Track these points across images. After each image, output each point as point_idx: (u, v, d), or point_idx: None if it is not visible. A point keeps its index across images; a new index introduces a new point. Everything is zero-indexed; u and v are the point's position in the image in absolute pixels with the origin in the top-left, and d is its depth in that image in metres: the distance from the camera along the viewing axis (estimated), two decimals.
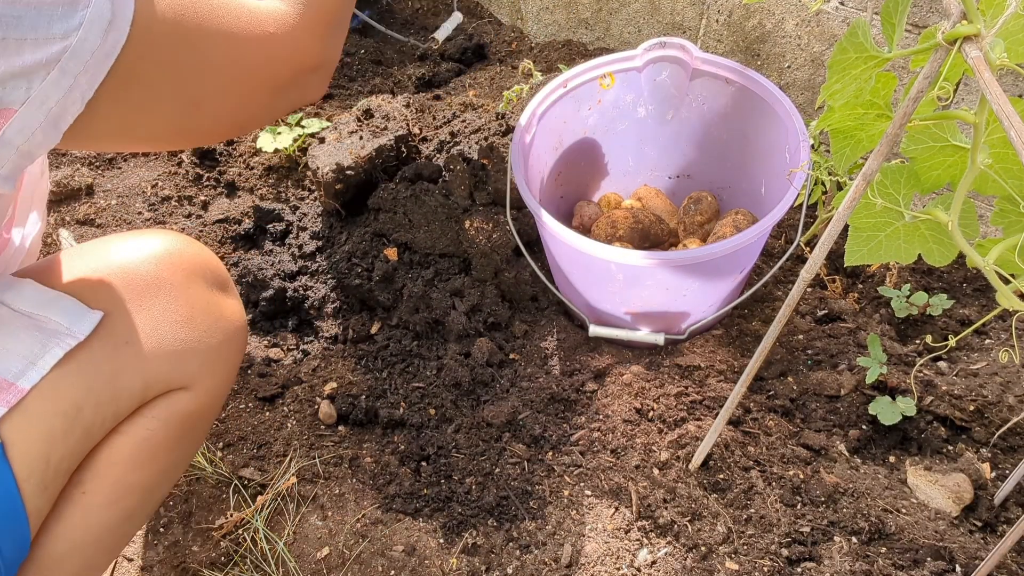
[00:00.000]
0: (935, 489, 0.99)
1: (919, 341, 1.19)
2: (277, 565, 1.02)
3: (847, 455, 1.06)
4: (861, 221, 0.76)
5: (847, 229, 0.76)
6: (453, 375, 1.18)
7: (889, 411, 1.06)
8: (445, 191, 1.30)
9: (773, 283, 1.31)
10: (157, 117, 0.65)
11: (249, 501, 1.09)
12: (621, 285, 1.13)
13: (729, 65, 1.23)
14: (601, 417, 1.12)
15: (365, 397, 1.19)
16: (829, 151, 1.32)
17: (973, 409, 1.07)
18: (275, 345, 1.32)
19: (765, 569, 0.94)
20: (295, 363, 1.29)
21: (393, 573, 1.00)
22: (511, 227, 1.24)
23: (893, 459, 1.06)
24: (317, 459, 1.14)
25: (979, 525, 0.98)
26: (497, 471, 1.09)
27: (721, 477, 1.03)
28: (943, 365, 1.16)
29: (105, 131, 0.63)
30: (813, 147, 1.22)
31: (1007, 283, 0.63)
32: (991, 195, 0.74)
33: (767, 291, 1.30)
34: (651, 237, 1.32)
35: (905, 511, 0.97)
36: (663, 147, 1.42)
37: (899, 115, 0.60)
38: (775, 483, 1.02)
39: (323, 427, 1.19)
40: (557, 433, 1.12)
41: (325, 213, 1.43)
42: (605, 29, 1.79)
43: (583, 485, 1.07)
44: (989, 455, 1.04)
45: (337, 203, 1.36)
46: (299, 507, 1.09)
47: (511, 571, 0.99)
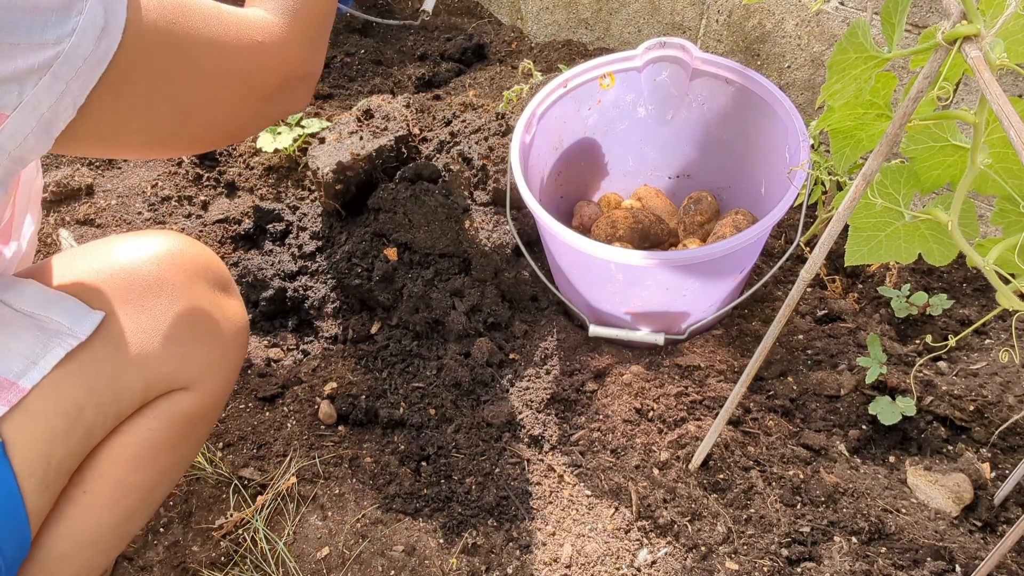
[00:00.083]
0: (935, 489, 0.99)
1: (919, 341, 1.19)
2: (277, 565, 1.02)
3: (847, 455, 1.06)
4: (861, 221, 0.76)
5: (847, 229, 0.76)
6: (453, 375, 1.18)
7: (889, 411, 1.06)
8: (445, 191, 1.30)
9: (773, 283, 1.31)
10: (147, 124, 0.66)
11: (249, 501, 1.09)
12: (621, 285, 1.13)
13: (729, 65, 1.23)
14: (601, 417, 1.12)
15: (365, 397, 1.19)
16: (829, 151, 1.32)
17: (973, 409, 1.07)
18: (275, 345, 1.32)
19: (765, 569, 0.94)
20: (295, 363, 1.29)
21: (393, 573, 1.00)
22: (511, 227, 1.24)
23: (893, 459, 1.06)
24: (317, 459, 1.14)
25: (979, 525, 0.98)
26: (497, 471, 1.09)
27: (721, 477, 1.03)
28: (943, 365, 1.16)
29: (96, 137, 0.64)
30: (813, 147, 1.22)
31: (1007, 283, 0.63)
32: (991, 195, 0.74)
33: (767, 291, 1.30)
34: (651, 237, 1.32)
35: (905, 511, 0.97)
36: (663, 147, 1.42)
37: (899, 115, 0.60)
38: (775, 483, 1.02)
39: (323, 427, 1.19)
40: (557, 433, 1.12)
41: (325, 213, 1.43)
42: (605, 29, 1.79)
43: (583, 485, 1.07)
44: (989, 455, 1.04)
45: (337, 203, 1.36)
46: (299, 507, 1.09)
47: (511, 571, 0.99)
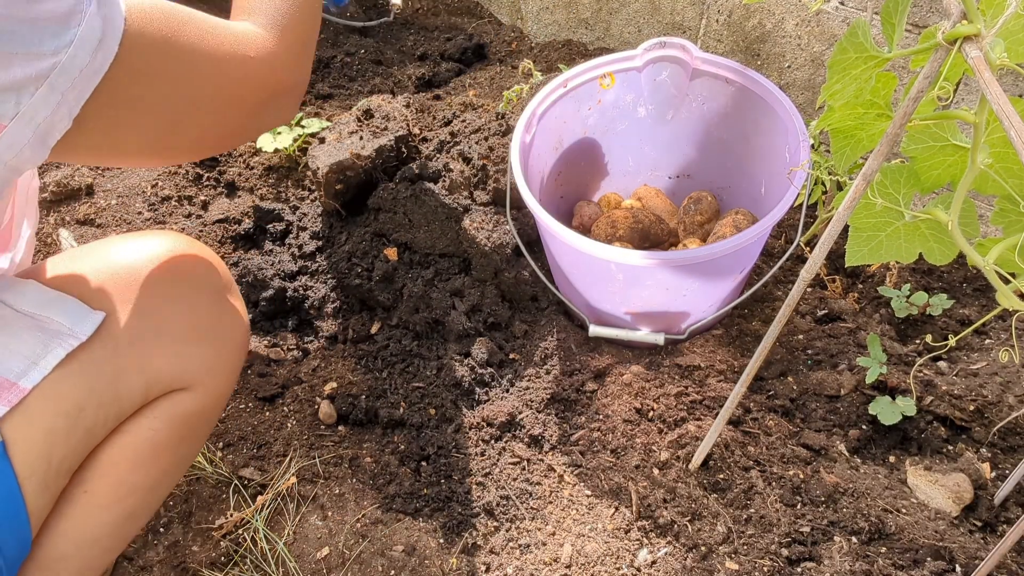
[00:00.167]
0: (935, 489, 0.99)
1: (919, 341, 1.19)
2: (277, 565, 1.02)
3: (847, 455, 1.06)
4: (861, 221, 0.76)
5: (847, 229, 0.76)
6: (453, 375, 1.18)
7: (889, 411, 1.06)
8: (445, 191, 1.30)
9: (773, 283, 1.31)
10: (140, 134, 0.66)
11: (249, 501, 1.09)
12: (621, 285, 1.13)
13: (729, 65, 1.23)
14: (601, 417, 1.12)
15: (365, 397, 1.19)
16: (829, 151, 1.32)
17: (973, 409, 1.07)
18: (275, 345, 1.32)
19: (765, 569, 0.94)
20: (295, 363, 1.29)
21: (393, 573, 1.00)
22: (511, 227, 1.24)
23: (893, 459, 1.06)
24: (317, 459, 1.14)
25: (979, 525, 0.98)
26: (497, 471, 1.09)
27: (721, 477, 1.03)
28: (943, 365, 1.16)
29: (88, 146, 0.64)
30: (813, 147, 1.22)
31: (1007, 283, 0.63)
32: (991, 195, 0.74)
33: (767, 291, 1.30)
34: (651, 237, 1.32)
35: (905, 511, 0.97)
36: (663, 147, 1.42)
37: (899, 115, 0.60)
38: (775, 483, 1.02)
39: (323, 427, 1.19)
40: (557, 433, 1.12)
41: (325, 213, 1.43)
42: (605, 29, 1.79)
43: (583, 485, 1.07)
44: (989, 455, 1.04)
45: (337, 203, 1.36)
46: (299, 507, 1.09)
47: (511, 571, 0.99)
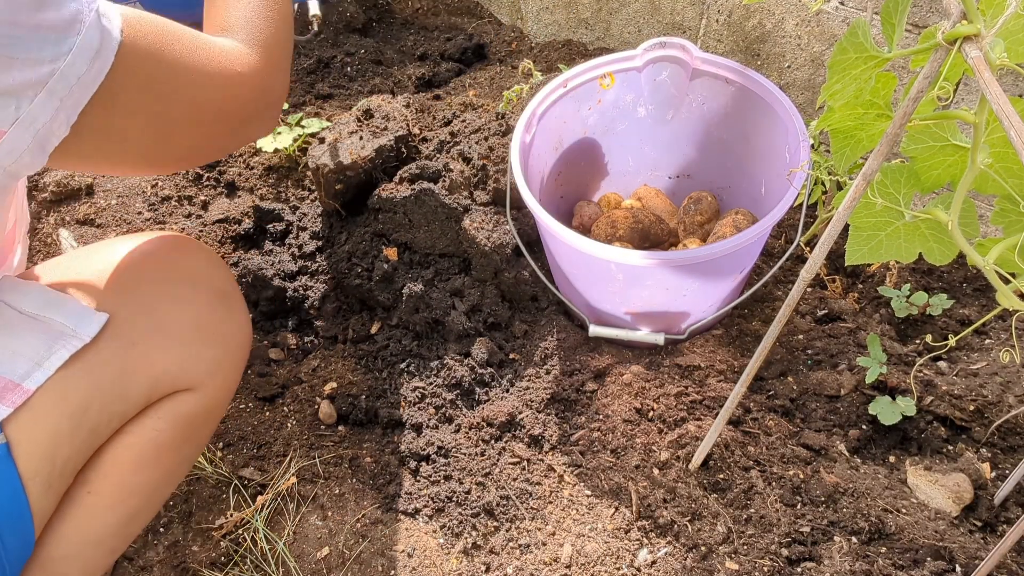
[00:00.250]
0: (935, 489, 0.99)
1: (919, 341, 1.19)
2: (277, 565, 1.02)
3: (847, 455, 1.06)
4: (861, 221, 0.76)
5: (847, 229, 0.76)
6: (453, 375, 1.18)
7: (889, 411, 1.06)
8: (445, 191, 1.30)
9: (773, 283, 1.31)
10: (134, 143, 0.68)
11: (249, 501, 1.09)
12: (621, 285, 1.13)
13: (729, 65, 1.23)
14: (601, 417, 1.12)
15: (365, 397, 1.19)
16: (829, 151, 1.32)
17: (973, 409, 1.07)
18: (275, 345, 1.32)
19: (765, 569, 0.94)
20: (295, 363, 1.29)
21: (393, 573, 1.01)
22: (511, 227, 1.24)
23: (893, 459, 1.06)
24: (317, 459, 1.14)
25: (979, 525, 0.98)
26: (497, 471, 1.09)
27: (721, 477, 1.03)
28: (943, 365, 1.16)
29: (86, 154, 0.66)
30: (813, 147, 1.22)
31: (1007, 283, 0.63)
32: (991, 194, 0.74)
33: (767, 291, 1.30)
34: (651, 237, 1.32)
35: (905, 511, 0.97)
36: (663, 147, 1.42)
37: (899, 115, 0.60)
38: (775, 483, 1.02)
39: (323, 427, 1.19)
40: (557, 433, 1.12)
41: (325, 213, 1.43)
42: (605, 29, 1.79)
43: (583, 485, 1.07)
44: (989, 455, 1.04)
45: (337, 203, 1.36)
46: (299, 507, 1.09)
47: (511, 571, 0.99)
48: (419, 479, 1.10)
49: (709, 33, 1.60)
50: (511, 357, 1.23)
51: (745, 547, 0.96)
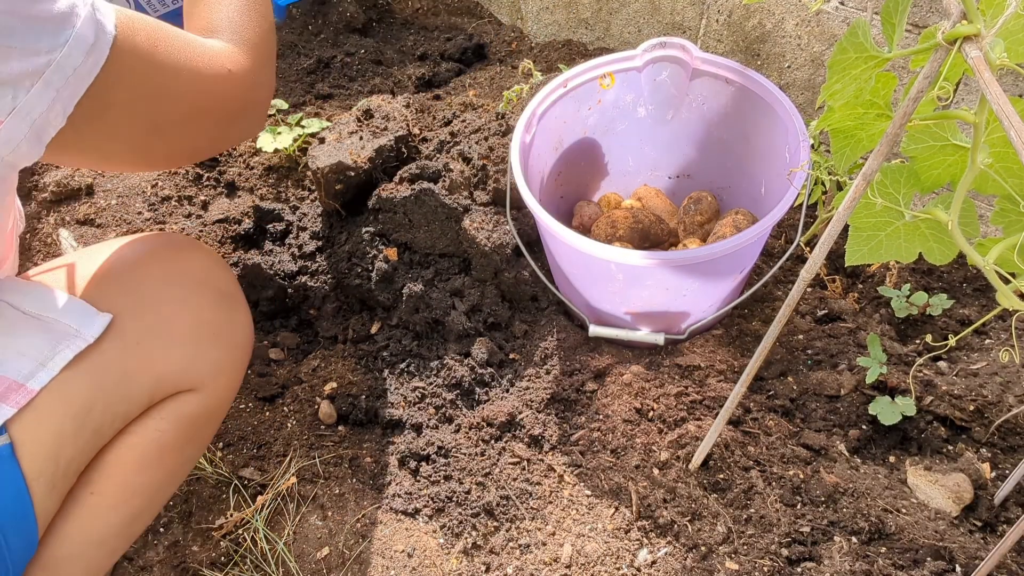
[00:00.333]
0: (935, 489, 0.99)
1: (919, 341, 1.19)
2: (277, 565, 1.02)
3: (847, 455, 1.06)
4: (861, 221, 0.76)
5: (847, 229, 0.76)
6: (453, 375, 1.18)
7: (889, 411, 1.06)
8: (445, 191, 1.30)
9: (773, 283, 1.31)
10: (128, 137, 0.69)
11: (249, 501, 1.09)
12: (621, 285, 1.13)
13: (729, 65, 1.23)
14: (601, 417, 1.12)
15: (365, 397, 1.19)
16: (829, 151, 1.32)
17: (973, 409, 1.07)
18: (275, 345, 1.32)
19: (765, 569, 0.94)
20: (295, 363, 1.29)
21: (393, 573, 1.01)
22: (511, 227, 1.24)
23: (893, 459, 1.06)
24: (317, 459, 1.14)
25: (979, 525, 0.98)
26: (497, 471, 1.09)
27: (721, 477, 1.03)
28: (943, 365, 1.16)
29: (81, 147, 0.67)
30: (813, 147, 1.22)
31: (1007, 282, 0.63)
32: (991, 194, 0.74)
33: (767, 291, 1.30)
34: (651, 237, 1.32)
35: (905, 511, 0.97)
36: (663, 147, 1.42)
37: (899, 115, 0.60)
38: (775, 483, 1.02)
39: (323, 427, 1.19)
40: (557, 433, 1.12)
41: (325, 213, 1.43)
42: (605, 29, 1.79)
43: (583, 485, 1.07)
44: (989, 455, 1.04)
45: (337, 203, 1.36)
46: (299, 507, 1.09)
47: (511, 571, 0.99)
48: (419, 479, 1.10)
49: (709, 33, 1.60)
50: (511, 357, 1.23)
51: (745, 547, 0.96)
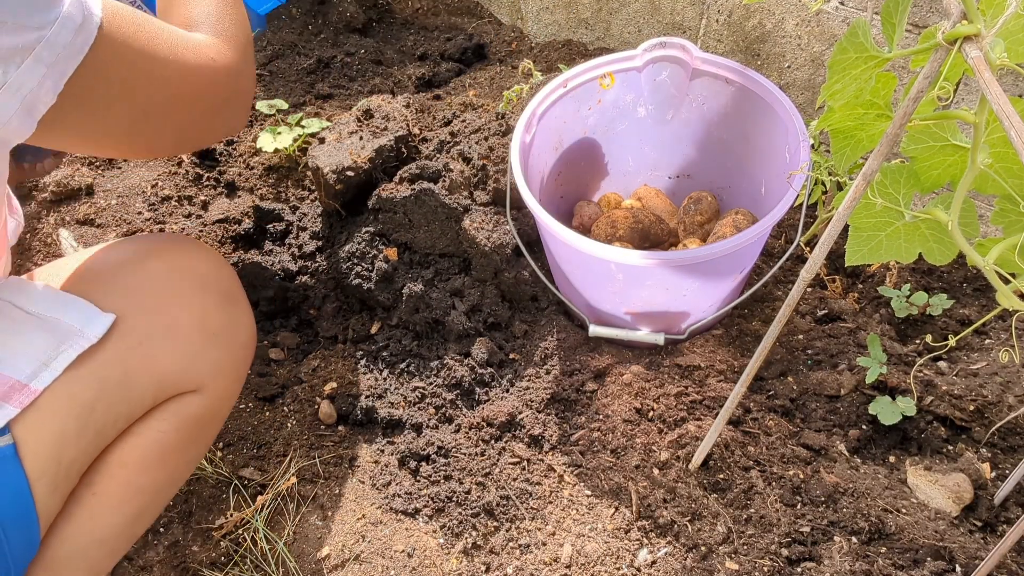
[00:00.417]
0: (935, 489, 0.99)
1: (919, 341, 1.19)
2: (277, 565, 1.02)
3: (847, 455, 1.06)
4: (861, 221, 0.76)
5: (847, 229, 0.76)
6: (453, 375, 1.18)
7: (889, 411, 1.06)
8: (445, 191, 1.30)
9: (773, 283, 1.31)
10: (111, 121, 0.70)
11: (249, 501, 1.09)
12: (621, 285, 1.13)
13: (729, 65, 1.23)
14: (601, 417, 1.12)
15: (365, 397, 1.19)
16: (829, 151, 1.32)
17: (973, 409, 1.07)
18: (275, 345, 1.32)
19: (765, 569, 0.94)
20: (295, 363, 1.29)
21: (393, 573, 1.01)
22: (511, 227, 1.24)
23: (893, 459, 1.06)
24: (317, 459, 1.14)
25: (979, 525, 0.98)
26: (497, 471, 1.09)
27: (721, 477, 1.03)
28: (943, 365, 1.16)
29: (70, 126, 0.67)
30: (813, 147, 1.22)
31: (1007, 283, 0.63)
32: (991, 194, 0.74)
33: (767, 291, 1.30)
34: (651, 237, 1.32)
35: (905, 511, 0.97)
36: (663, 147, 1.42)
37: (899, 115, 0.60)
38: (775, 483, 1.02)
39: (323, 427, 1.19)
40: (557, 433, 1.12)
41: (325, 213, 1.43)
42: (605, 29, 1.79)
43: (583, 485, 1.07)
44: (989, 455, 1.04)
45: (337, 203, 1.36)
46: (299, 507, 1.09)
47: (511, 571, 0.99)
48: (419, 479, 1.10)
49: (709, 33, 1.60)
50: (511, 357, 1.23)
51: (745, 547, 0.96)
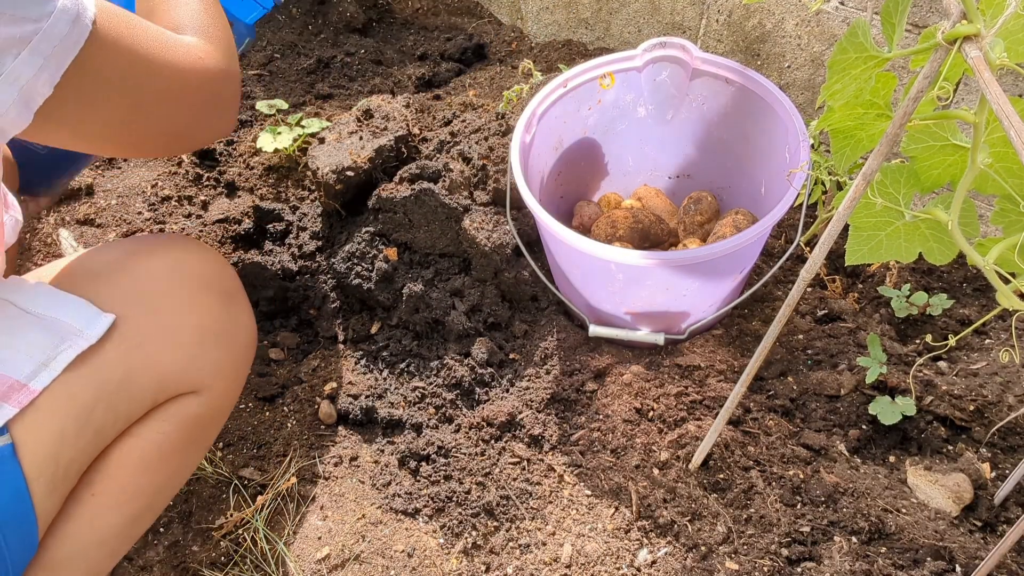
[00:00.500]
0: (935, 489, 0.99)
1: (919, 341, 1.19)
2: (277, 565, 1.02)
3: (847, 455, 1.06)
4: (861, 221, 0.76)
5: (847, 229, 0.76)
6: (453, 375, 1.18)
7: (889, 411, 1.06)
8: (445, 191, 1.30)
9: (773, 283, 1.31)
10: (106, 114, 0.70)
11: (249, 501, 1.09)
12: (621, 285, 1.13)
13: (729, 65, 1.23)
14: (601, 417, 1.12)
15: (365, 397, 1.19)
16: (829, 151, 1.32)
17: (973, 409, 1.07)
18: (275, 345, 1.32)
19: (765, 569, 0.94)
20: (295, 363, 1.29)
21: (393, 573, 1.00)
22: (511, 227, 1.24)
23: (893, 459, 1.06)
24: (317, 459, 1.14)
25: (979, 525, 0.98)
26: (497, 471, 1.09)
27: (721, 477, 1.03)
28: (943, 365, 1.16)
29: (65, 120, 0.68)
30: (813, 147, 1.22)
31: (1007, 282, 0.63)
32: (991, 194, 0.74)
33: (767, 291, 1.30)
34: (651, 237, 1.32)
35: (905, 511, 0.97)
36: (663, 147, 1.42)
37: (899, 115, 0.60)
38: (775, 483, 1.02)
39: (323, 427, 1.19)
40: (557, 433, 1.12)
41: (325, 213, 1.43)
42: (605, 29, 1.79)
43: (583, 485, 1.07)
44: (989, 455, 1.04)
45: (337, 203, 1.36)
46: (299, 507, 1.09)
47: (511, 571, 0.99)
48: (419, 479, 1.10)
49: (709, 33, 1.60)
50: (511, 357, 1.23)
51: (745, 547, 0.96)
